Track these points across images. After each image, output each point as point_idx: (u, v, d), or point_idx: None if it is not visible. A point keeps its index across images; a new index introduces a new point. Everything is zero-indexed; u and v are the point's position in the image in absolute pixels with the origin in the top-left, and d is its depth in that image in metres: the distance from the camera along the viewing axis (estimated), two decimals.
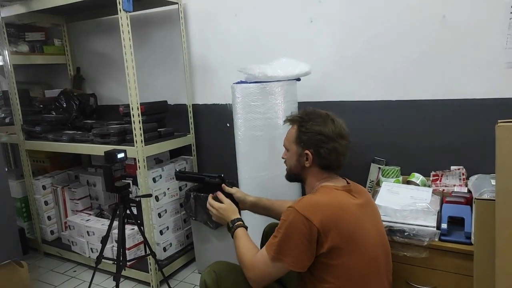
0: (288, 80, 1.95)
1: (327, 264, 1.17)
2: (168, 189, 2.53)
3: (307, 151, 1.31)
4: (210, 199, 1.54)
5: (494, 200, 1.15)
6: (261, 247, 1.58)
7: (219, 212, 1.49)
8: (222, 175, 1.61)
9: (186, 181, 1.99)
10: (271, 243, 1.21)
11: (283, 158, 1.45)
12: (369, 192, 2.17)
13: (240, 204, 1.58)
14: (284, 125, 1.47)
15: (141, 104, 2.27)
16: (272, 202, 1.63)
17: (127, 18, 2.09)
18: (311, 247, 1.15)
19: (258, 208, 1.63)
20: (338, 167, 1.36)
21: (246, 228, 1.43)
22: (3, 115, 3.13)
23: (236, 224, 1.42)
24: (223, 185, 1.58)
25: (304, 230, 1.14)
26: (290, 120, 1.40)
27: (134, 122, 2.20)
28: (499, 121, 1.14)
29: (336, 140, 1.30)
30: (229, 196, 1.56)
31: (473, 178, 1.79)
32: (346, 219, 1.18)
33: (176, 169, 2.07)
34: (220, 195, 1.53)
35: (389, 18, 2.02)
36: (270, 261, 1.20)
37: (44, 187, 2.86)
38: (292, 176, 1.43)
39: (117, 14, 2.08)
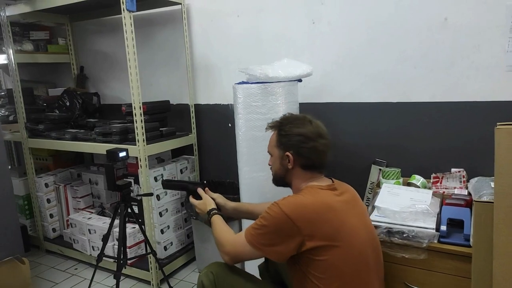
0: (289, 81, 1.95)
1: (313, 260, 1.20)
2: None
3: (288, 153, 1.35)
4: (191, 198, 1.68)
5: (492, 202, 1.16)
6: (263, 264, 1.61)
7: (198, 208, 1.61)
8: (205, 182, 1.77)
9: (172, 189, 2.05)
10: (250, 231, 1.27)
11: (269, 164, 1.48)
12: (370, 193, 2.18)
13: (222, 210, 1.64)
14: (266, 132, 1.50)
15: (144, 103, 2.29)
16: (254, 206, 1.69)
17: (130, 18, 2.11)
18: (289, 243, 1.19)
19: (240, 212, 1.70)
20: (321, 166, 1.38)
21: (221, 215, 1.52)
22: (7, 113, 3.15)
23: (212, 212, 1.53)
24: (206, 189, 1.67)
25: (284, 227, 1.19)
26: (271, 126, 1.44)
27: (136, 121, 2.21)
28: (498, 123, 1.14)
29: (315, 140, 1.33)
30: None
31: (473, 181, 1.80)
32: (330, 217, 1.21)
33: (163, 178, 2.13)
34: (199, 191, 1.65)
35: (391, 20, 2.03)
36: (247, 244, 1.26)
37: (46, 185, 2.88)
38: (278, 180, 1.46)
39: (120, 14, 2.09)
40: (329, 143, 1.37)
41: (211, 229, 1.48)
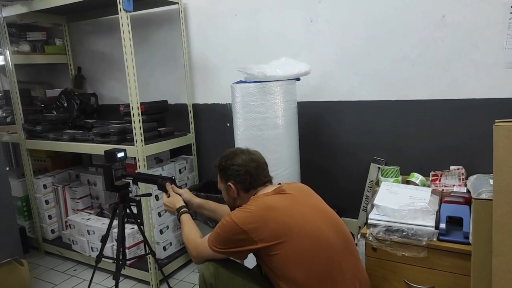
0: (287, 79, 1.95)
1: (270, 256, 1.33)
2: None
3: (229, 183, 1.53)
4: (163, 198, 1.80)
5: (491, 200, 1.15)
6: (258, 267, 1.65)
7: (167, 206, 1.75)
8: (173, 177, 1.87)
9: (142, 182, 2.11)
10: (211, 237, 1.44)
11: (224, 199, 1.63)
12: (369, 192, 2.18)
13: (187, 205, 1.75)
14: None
15: (142, 103, 2.28)
16: (218, 206, 1.81)
17: (127, 18, 2.10)
18: (243, 245, 1.36)
19: (204, 209, 1.81)
20: (260, 183, 1.52)
21: (190, 214, 1.67)
22: (4, 114, 3.14)
23: (181, 211, 1.68)
24: (172, 185, 1.80)
25: (235, 233, 1.36)
26: (215, 166, 1.61)
27: (134, 122, 2.20)
28: (496, 121, 1.14)
29: (246, 165, 1.51)
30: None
31: (472, 178, 1.79)
32: (273, 216, 1.35)
33: (136, 171, 2.18)
34: (168, 186, 1.79)
35: (389, 18, 2.03)
36: (209, 248, 1.44)
37: (45, 186, 2.87)
38: (233, 209, 1.57)
39: (117, 14, 2.09)
40: (259, 164, 1.53)
41: (180, 227, 1.64)
